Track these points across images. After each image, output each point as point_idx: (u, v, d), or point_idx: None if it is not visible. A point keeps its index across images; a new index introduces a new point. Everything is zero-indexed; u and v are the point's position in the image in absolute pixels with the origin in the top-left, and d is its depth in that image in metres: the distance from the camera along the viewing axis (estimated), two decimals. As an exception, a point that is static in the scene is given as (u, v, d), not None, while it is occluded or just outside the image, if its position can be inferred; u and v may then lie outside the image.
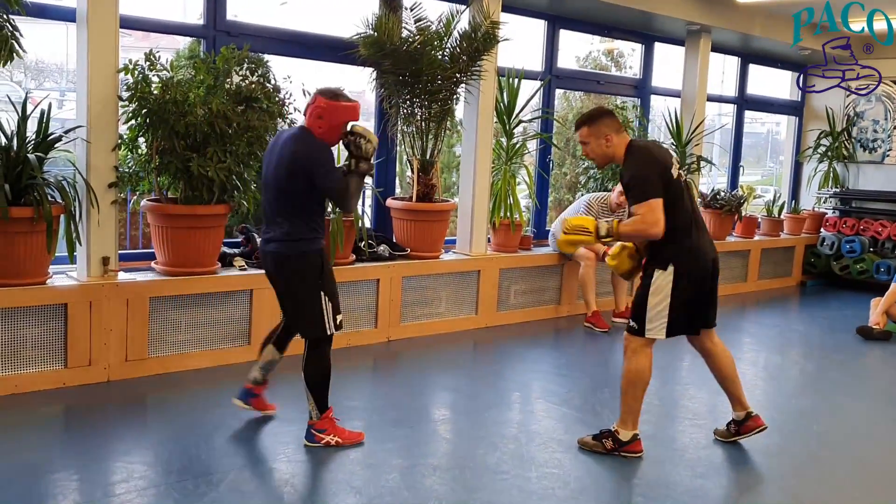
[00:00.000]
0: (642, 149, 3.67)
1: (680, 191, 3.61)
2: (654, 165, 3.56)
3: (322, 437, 3.73)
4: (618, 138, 3.66)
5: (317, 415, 3.74)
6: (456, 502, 3.28)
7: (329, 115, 3.55)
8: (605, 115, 3.74)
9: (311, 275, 3.64)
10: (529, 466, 3.68)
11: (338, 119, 3.57)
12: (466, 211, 6.36)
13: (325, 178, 3.51)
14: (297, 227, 3.61)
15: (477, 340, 6.07)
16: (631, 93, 8.30)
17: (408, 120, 5.85)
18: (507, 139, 6.67)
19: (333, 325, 3.70)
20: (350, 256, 5.55)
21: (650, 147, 3.75)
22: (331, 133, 3.59)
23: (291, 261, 3.64)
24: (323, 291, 3.65)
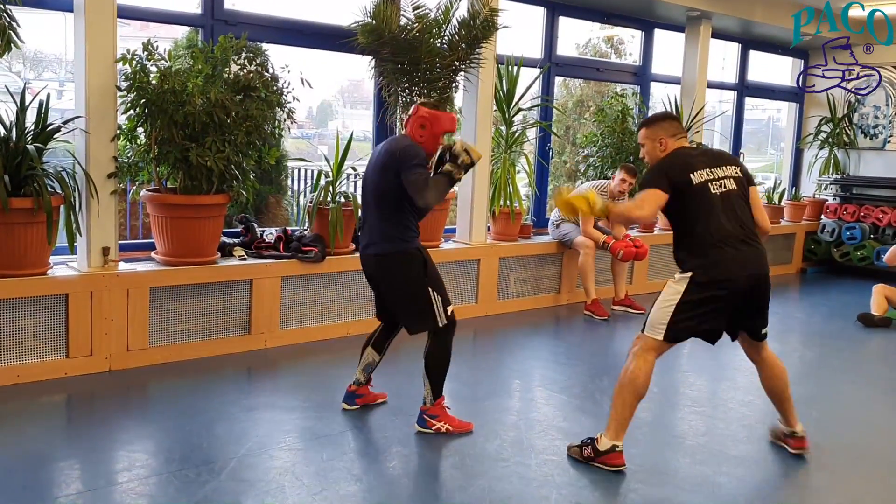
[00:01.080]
0: (672, 153, 3.59)
1: (704, 200, 3.46)
2: (669, 166, 3.52)
3: (433, 423, 3.83)
4: (672, 143, 3.60)
5: (431, 401, 3.84)
6: (456, 489, 3.30)
7: (431, 123, 3.68)
8: (665, 118, 3.72)
9: (415, 271, 3.75)
10: (529, 454, 3.69)
11: (439, 128, 3.69)
12: (466, 200, 6.36)
13: (409, 171, 3.56)
14: (393, 228, 3.72)
15: (477, 329, 6.08)
16: (631, 80, 8.28)
17: (407, 108, 5.83)
18: (507, 127, 6.66)
19: (445, 316, 3.78)
20: (350, 245, 5.55)
21: (678, 152, 3.60)
22: (432, 142, 3.71)
23: (393, 259, 3.75)
24: (430, 286, 3.76)
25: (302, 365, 4.97)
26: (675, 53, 8.33)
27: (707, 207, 3.46)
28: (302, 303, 5.32)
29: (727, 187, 3.51)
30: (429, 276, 3.77)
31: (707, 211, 3.46)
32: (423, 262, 3.78)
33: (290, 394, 4.44)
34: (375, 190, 3.74)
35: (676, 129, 3.66)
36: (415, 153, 3.61)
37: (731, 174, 3.56)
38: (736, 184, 3.55)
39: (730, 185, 3.52)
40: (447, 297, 3.82)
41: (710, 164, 3.53)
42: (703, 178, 3.48)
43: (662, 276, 7.81)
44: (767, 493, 3.50)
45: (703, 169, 3.50)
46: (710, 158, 3.61)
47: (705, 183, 3.48)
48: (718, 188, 3.49)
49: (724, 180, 3.52)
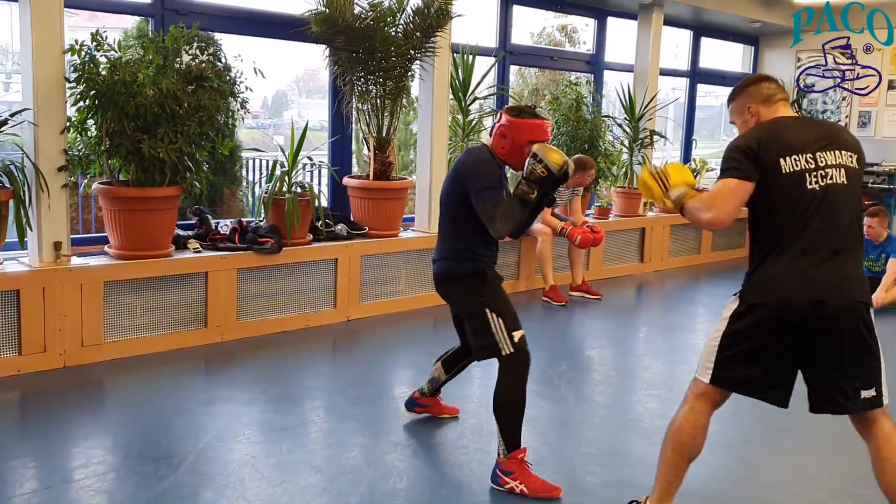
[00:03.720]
0: (764, 123, 2.74)
1: (794, 195, 2.59)
2: (754, 142, 2.64)
3: (506, 481, 3.20)
4: (766, 111, 2.76)
5: (503, 452, 3.23)
6: (416, 477, 3.32)
7: (513, 133, 3.22)
8: (756, 82, 2.84)
9: (469, 291, 3.34)
10: (489, 440, 3.73)
11: (521, 137, 3.21)
12: (424, 188, 6.37)
13: (478, 196, 3.15)
14: (456, 245, 3.35)
15: (438, 317, 6.10)
16: (585, 68, 8.35)
17: (362, 97, 5.82)
18: (464, 116, 6.68)
19: (510, 342, 3.24)
20: (307, 236, 5.53)
21: (774, 123, 2.72)
22: (516, 153, 3.23)
23: (447, 279, 3.41)
24: (488, 308, 3.27)
25: (260, 357, 4.94)
26: (629, 41, 8.42)
27: (796, 206, 2.58)
28: (259, 295, 5.29)
29: (834, 180, 2.59)
30: (486, 295, 3.30)
31: (795, 210, 2.58)
32: (480, 282, 3.33)
33: (248, 387, 4.41)
34: (446, 203, 3.36)
35: (772, 91, 2.78)
36: (483, 173, 3.18)
37: (845, 162, 2.62)
38: (848, 177, 2.62)
39: (838, 177, 2.60)
40: (514, 322, 3.28)
41: (817, 146, 2.61)
42: (798, 167, 2.59)
43: (619, 261, 7.93)
44: (723, 472, 3.58)
45: (802, 153, 2.59)
46: (819, 136, 2.64)
47: (801, 173, 2.58)
48: (820, 180, 2.58)
49: (833, 170, 2.60)
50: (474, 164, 3.20)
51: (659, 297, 7.54)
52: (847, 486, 3.42)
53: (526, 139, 3.20)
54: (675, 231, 8.45)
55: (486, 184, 3.15)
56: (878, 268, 6.83)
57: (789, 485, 3.42)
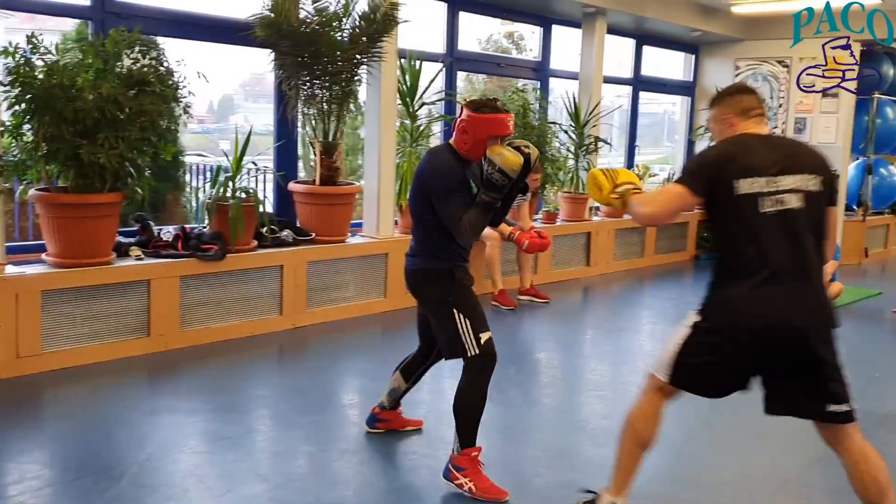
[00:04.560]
0: (732, 139, 2.76)
1: (747, 217, 2.60)
2: (713, 159, 2.70)
3: (457, 477, 3.20)
4: (742, 124, 2.77)
5: (457, 449, 3.25)
6: (363, 484, 3.31)
7: (473, 128, 3.14)
8: (737, 92, 2.86)
9: (438, 291, 3.29)
10: (438, 445, 3.73)
11: (481, 133, 3.12)
12: (372, 193, 6.34)
13: (441, 201, 3.13)
14: (423, 245, 3.31)
15: (386, 324, 6.09)
16: (531, 75, 8.43)
17: (308, 102, 5.78)
18: (411, 121, 6.68)
19: (476, 344, 3.20)
20: (252, 242, 5.46)
21: (739, 141, 2.73)
22: (477, 149, 3.14)
23: (416, 277, 3.37)
24: (455, 308, 3.22)
25: (205, 366, 4.86)
26: (574, 49, 8.52)
27: (751, 228, 2.60)
28: (203, 302, 5.20)
29: (789, 205, 2.59)
30: (456, 296, 3.25)
31: (750, 233, 2.61)
32: (449, 282, 3.27)
33: (192, 396, 4.34)
34: (412, 209, 3.34)
35: (751, 104, 2.79)
36: (442, 178, 3.14)
37: (804, 187, 2.61)
38: (806, 201, 2.60)
39: (794, 202, 2.59)
40: (481, 323, 3.24)
41: (776, 169, 2.61)
42: (754, 189, 2.59)
43: (566, 265, 8.01)
44: (668, 471, 3.63)
45: (759, 175, 2.59)
46: (782, 158, 2.64)
47: (755, 196, 2.59)
48: (774, 205, 2.59)
49: (788, 195, 2.59)
50: (434, 171, 3.18)
51: (605, 300, 7.64)
52: (785, 484, 3.50)
53: (486, 135, 3.12)
54: (620, 235, 8.58)
55: (448, 186, 3.12)
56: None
57: (730, 483, 3.49)
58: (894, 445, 3.97)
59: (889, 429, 4.17)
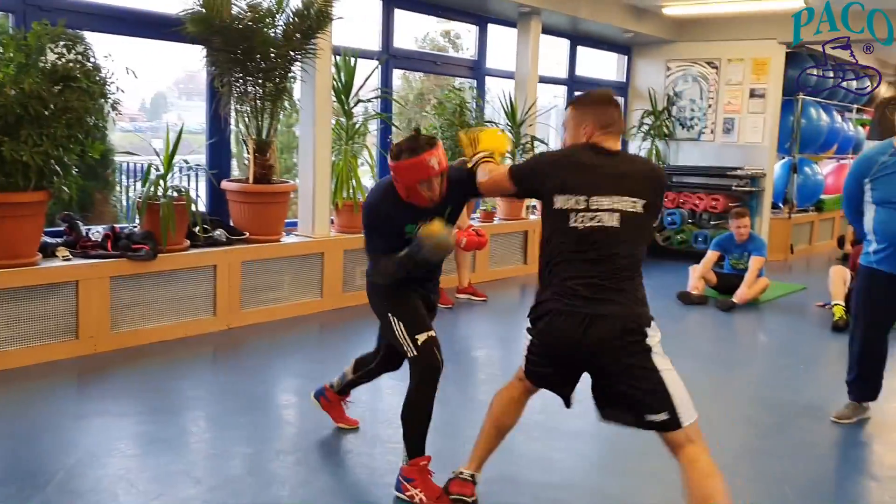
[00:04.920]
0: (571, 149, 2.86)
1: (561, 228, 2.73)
2: (543, 166, 2.85)
3: (407, 489, 3.13)
4: (597, 137, 2.80)
5: (405, 459, 3.19)
6: (299, 484, 3.28)
7: (399, 176, 3.07)
8: (603, 102, 2.86)
9: (378, 299, 3.34)
10: (374, 443, 3.72)
11: (406, 180, 3.05)
12: (307, 192, 6.29)
13: (364, 235, 3.26)
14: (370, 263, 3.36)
15: (323, 323, 6.04)
16: (467, 74, 8.47)
17: (241, 99, 5.70)
18: (347, 119, 6.64)
19: (413, 346, 3.18)
20: (184, 242, 5.36)
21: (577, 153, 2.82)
22: (412, 194, 3.09)
23: (369, 287, 3.40)
24: (390, 313, 3.25)
25: (136, 369, 4.75)
26: (510, 48, 8.59)
27: (564, 240, 2.74)
28: (134, 304, 5.09)
29: (602, 223, 2.69)
30: (391, 303, 3.26)
31: (563, 244, 2.74)
32: (384, 291, 3.30)
33: (123, 399, 4.24)
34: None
35: (611, 119, 2.81)
36: (367, 214, 3.21)
37: (622, 207, 2.69)
38: (622, 221, 2.70)
39: (609, 220, 2.69)
40: (415, 323, 3.22)
41: (594, 190, 2.69)
42: (568, 206, 2.71)
43: (503, 263, 8.07)
44: (602, 464, 3.70)
45: (575, 194, 2.70)
46: (604, 181, 2.72)
47: (567, 212, 2.71)
48: (586, 221, 2.69)
49: (604, 214, 2.69)
50: (364, 205, 3.28)
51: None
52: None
53: (412, 181, 3.04)
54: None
55: (369, 227, 3.21)
56: (742, 265, 7.23)
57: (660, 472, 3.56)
58: (815, 433, 4.12)
59: (810, 417, 4.33)
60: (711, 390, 4.92)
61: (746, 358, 5.89)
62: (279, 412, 4.29)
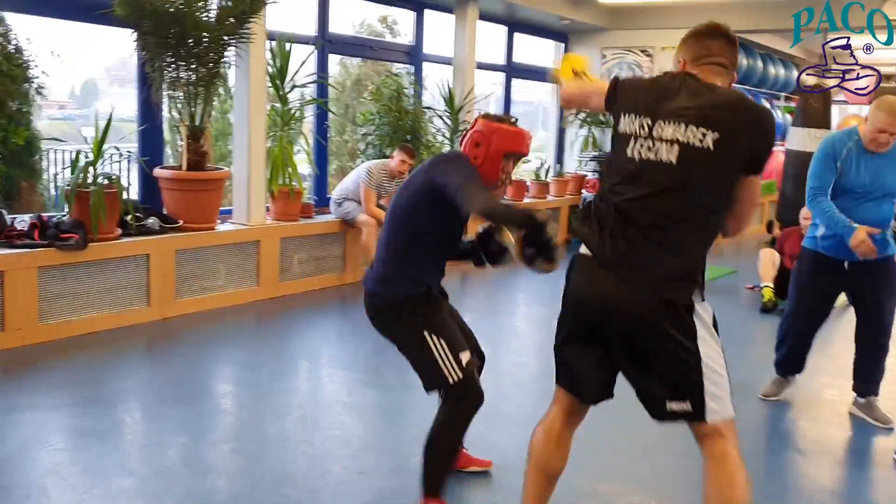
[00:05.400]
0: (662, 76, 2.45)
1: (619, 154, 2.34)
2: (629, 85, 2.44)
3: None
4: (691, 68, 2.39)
5: (421, 493, 2.83)
6: (236, 473, 3.24)
7: (488, 140, 2.80)
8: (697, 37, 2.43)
9: (400, 315, 2.89)
10: (313, 431, 3.70)
11: (497, 146, 2.80)
12: (242, 179, 6.19)
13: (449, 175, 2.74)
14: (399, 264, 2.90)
15: (260, 312, 5.97)
16: (405, 60, 8.43)
17: (173, 84, 5.56)
18: (282, 104, 6.55)
19: (457, 368, 2.77)
20: (116, 231, 5.22)
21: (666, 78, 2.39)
22: (488, 165, 2.81)
23: (385, 304, 2.93)
24: (425, 329, 2.80)
25: (67, 361, 4.62)
26: (448, 34, 8.58)
27: (618, 172, 2.34)
28: (64, 294, 4.94)
29: (659, 157, 2.24)
30: (425, 317, 2.85)
31: (615, 177, 2.34)
32: (414, 305, 2.88)
33: (53, 391, 4.12)
34: (394, 210, 2.95)
35: (706, 50, 2.38)
36: (459, 160, 2.85)
37: (687, 140, 2.21)
38: (680, 158, 2.22)
39: (668, 154, 2.23)
40: (457, 342, 2.83)
41: (664, 113, 2.26)
42: (632, 128, 2.31)
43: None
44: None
45: (641, 115, 2.29)
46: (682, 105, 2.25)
47: (628, 137, 2.31)
48: (645, 151, 2.27)
49: (668, 144, 2.23)
50: (447, 155, 3.07)
51: (482, 284, 7.76)
52: (648, 450, 3.67)
53: (503, 149, 2.80)
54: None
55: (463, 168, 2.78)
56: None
57: (594, 450, 3.63)
58: (743, 412, 4.23)
59: (739, 397, 4.42)
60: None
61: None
62: (216, 402, 4.22)
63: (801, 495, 3.35)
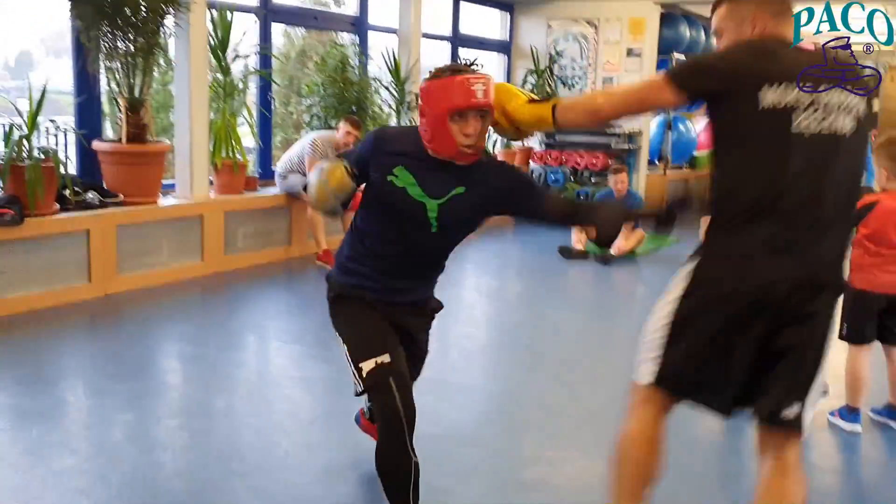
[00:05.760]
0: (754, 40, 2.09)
1: (776, 138, 1.95)
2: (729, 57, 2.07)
3: None
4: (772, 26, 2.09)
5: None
6: (182, 448, 3.22)
7: (426, 102, 2.30)
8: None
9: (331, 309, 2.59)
10: (261, 405, 3.69)
11: (433, 108, 2.27)
12: (184, 152, 6.07)
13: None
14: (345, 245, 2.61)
15: (205, 287, 5.90)
16: (350, 29, 8.32)
17: (110, 55, 5.41)
18: (224, 75, 6.43)
19: (359, 379, 2.37)
20: (53, 206, 5.09)
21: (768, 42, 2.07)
22: (438, 137, 2.29)
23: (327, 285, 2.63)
24: (335, 328, 2.52)
25: (5, 338, 4.50)
26: (393, 4, 8.49)
27: (779, 153, 1.95)
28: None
29: (834, 129, 1.96)
30: (340, 318, 2.52)
31: (776, 159, 1.96)
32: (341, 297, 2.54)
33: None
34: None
35: (787, 6, 2.12)
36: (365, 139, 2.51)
37: (851, 104, 1.97)
38: (853, 125, 1.97)
39: (841, 124, 1.96)
40: (362, 347, 2.39)
41: (818, 77, 1.95)
42: (786, 100, 1.94)
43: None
44: (488, 418, 3.79)
45: (795, 82, 1.93)
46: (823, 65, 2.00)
47: (788, 110, 1.94)
48: (813, 123, 1.94)
49: (836, 114, 1.96)
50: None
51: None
52: (591, 417, 3.75)
53: (441, 110, 2.24)
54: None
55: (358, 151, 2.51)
56: (621, 220, 7.49)
57: (535, 419, 3.69)
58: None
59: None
60: (592, 338, 5.12)
61: (624, 308, 6.15)
62: (161, 378, 4.18)
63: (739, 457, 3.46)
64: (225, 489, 2.87)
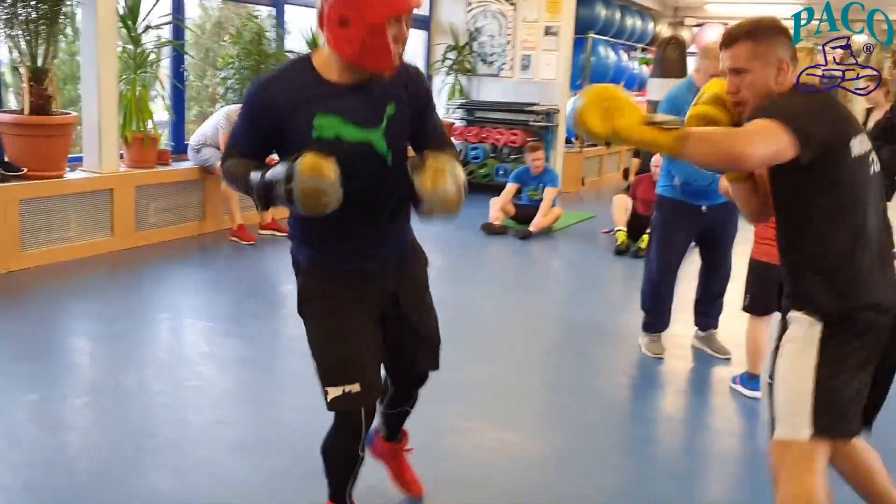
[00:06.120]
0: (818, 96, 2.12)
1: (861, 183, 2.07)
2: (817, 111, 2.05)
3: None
4: (792, 73, 2.14)
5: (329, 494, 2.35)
6: (88, 427, 3.15)
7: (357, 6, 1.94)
8: (782, 30, 2.19)
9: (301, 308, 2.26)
10: (171, 382, 3.63)
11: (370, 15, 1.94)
12: (92, 124, 5.85)
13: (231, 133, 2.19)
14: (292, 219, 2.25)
15: (115, 264, 5.73)
16: (266, 2, 8.15)
17: (10, 22, 5.17)
18: (134, 46, 6.21)
19: (324, 400, 2.17)
20: (-50, 179, 4.86)
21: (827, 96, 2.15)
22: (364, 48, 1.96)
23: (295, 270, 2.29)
24: (309, 341, 2.23)
25: None
26: (310, -23, 8.35)
27: (864, 196, 2.07)
28: None
29: (875, 168, 2.15)
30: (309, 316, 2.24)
31: (863, 202, 2.07)
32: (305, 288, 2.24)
33: None
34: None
35: (793, 50, 2.19)
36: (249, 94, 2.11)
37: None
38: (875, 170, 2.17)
39: (876, 163, 2.16)
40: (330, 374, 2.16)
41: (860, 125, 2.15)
42: (863, 149, 2.08)
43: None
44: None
45: (862, 132, 2.09)
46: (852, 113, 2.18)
47: (865, 157, 2.08)
48: (873, 166, 2.13)
49: (873, 154, 2.16)
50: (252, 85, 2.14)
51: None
52: (541, 388, 3.82)
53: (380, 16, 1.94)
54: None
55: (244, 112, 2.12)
56: (538, 196, 7.60)
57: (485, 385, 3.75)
58: (586, 346, 4.48)
59: (586, 332, 4.70)
60: (510, 312, 5.20)
61: (542, 282, 6.26)
62: (68, 357, 4.06)
63: (646, 424, 3.59)
64: (135, 466, 2.82)
